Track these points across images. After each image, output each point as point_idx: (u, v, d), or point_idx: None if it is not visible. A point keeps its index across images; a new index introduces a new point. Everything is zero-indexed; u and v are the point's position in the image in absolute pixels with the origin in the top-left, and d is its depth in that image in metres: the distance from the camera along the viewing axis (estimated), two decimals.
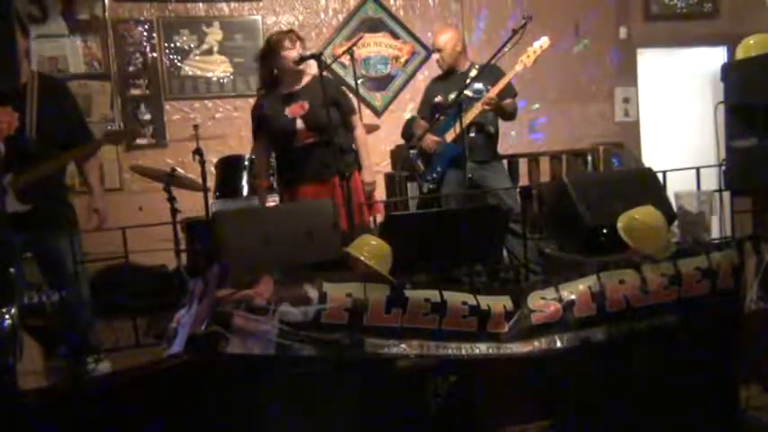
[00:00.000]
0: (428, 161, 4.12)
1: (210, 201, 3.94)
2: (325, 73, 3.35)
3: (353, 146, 3.64)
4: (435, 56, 4.21)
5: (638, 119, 6.20)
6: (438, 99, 4.18)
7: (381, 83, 5.66)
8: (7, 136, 2.92)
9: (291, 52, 3.41)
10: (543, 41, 3.85)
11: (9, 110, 2.93)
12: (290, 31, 3.61)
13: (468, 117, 3.84)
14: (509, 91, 4.05)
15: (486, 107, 3.84)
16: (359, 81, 4.89)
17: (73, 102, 3.29)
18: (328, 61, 3.80)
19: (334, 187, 3.32)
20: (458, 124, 3.82)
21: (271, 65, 3.48)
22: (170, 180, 3.87)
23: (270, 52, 3.46)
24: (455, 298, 2.32)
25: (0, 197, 2.64)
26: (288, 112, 3.44)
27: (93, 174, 3.27)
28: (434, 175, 4.09)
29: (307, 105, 3.41)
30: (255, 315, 2.13)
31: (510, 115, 4.14)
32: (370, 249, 2.41)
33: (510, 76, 3.92)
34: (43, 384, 2.46)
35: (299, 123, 3.40)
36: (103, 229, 3.28)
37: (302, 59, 3.40)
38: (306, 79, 3.52)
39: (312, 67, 3.42)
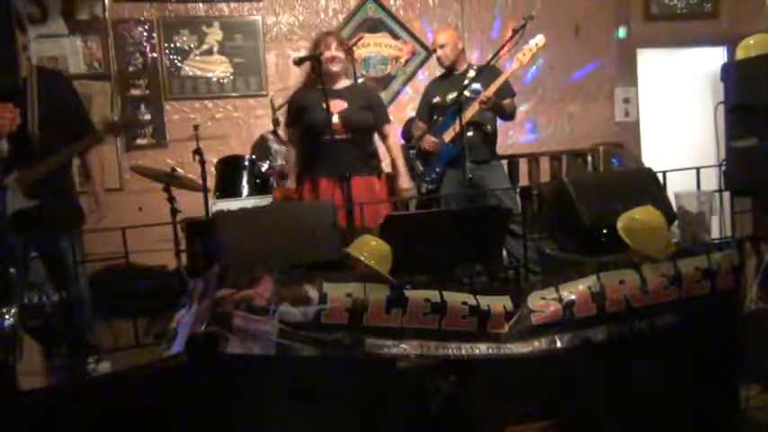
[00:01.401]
0: (427, 162, 4.12)
1: (211, 201, 3.94)
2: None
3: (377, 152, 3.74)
4: (438, 52, 4.20)
5: (638, 119, 6.20)
6: (436, 99, 4.19)
7: (381, 83, 5.66)
8: (10, 132, 2.92)
9: (328, 53, 3.50)
10: (539, 39, 3.86)
11: (10, 106, 2.93)
12: (330, 32, 3.76)
13: (466, 117, 3.85)
14: (507, 91, 4.06)
15: (483, 106, 3.85)
16: (359, 81, 4.89)
17: (73, 93, 3.31)
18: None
19: (354, 186, 3.34)
20: (456, 124, 3.82)
21: (312, 64, 3.54)
22: (170, 180, 3.88)
23: (318, 52, 3.53)
24: (455, 298, 2.32)
25: (0, 195, 2.64)
26: (326, 106, 3.46)
27: (94, 165, 3.29)
28: (433, 176, 4.09)
29: (345, 104, 3.51)
30: (255, 315, 2.13)
31: (509, 115, 4.14)
32: (370, 249, 2.41)
33: (507, 74, 3.93)
34: (43, 384, 2.46)
35: (336, 119, 3.46)
36: (102, 229, 3.28)
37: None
38: (345, 82, 3.63)
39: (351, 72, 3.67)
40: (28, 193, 2.96)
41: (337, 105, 3.51)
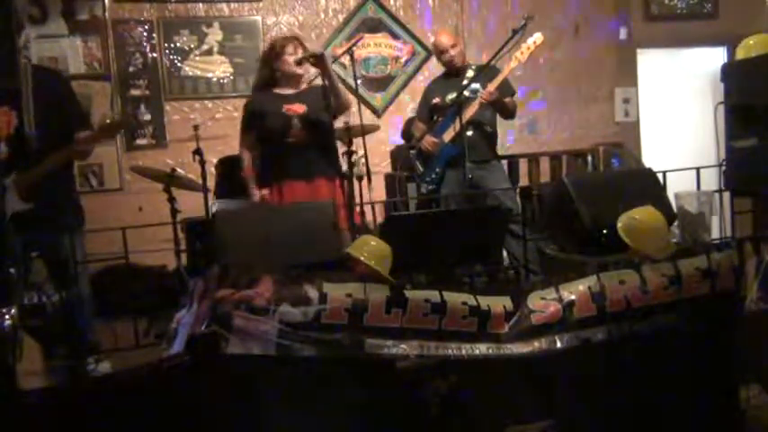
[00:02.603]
0: (427, 162, 4.12)
1: (210, 201, 3.94)
2: (318, 80, 3.49)
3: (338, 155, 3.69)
4: (452, 52, 4.17)
5: (638, 119, 6.20)
6: (436, 100, 4.18)
7: (381, 83, 5.66)
8: (7, 135, 2.91)
9: (292, 57, 3.49)
10: (537, 37, 3.86)
11: (6, 109, 2.93)
12: (295, 37, 3.69)
13: (466, 115, 3.85)
14: (507, 90, 4.06)
15: (484, 101, 3.84)
16: (359, 81, 4.89)
17: (69, 91, 3.30)
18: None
19: (320, 187, 3.39)
20: (456, 124, 3.82)
21: (272, 67, 3.55)
22: (170, 180, 3.88)
23: (274, 55, 3.54)
24: (455, 298, 2.32)
25: (0, 196, 2.64)
26: (285, 110, 3.50)
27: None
28: (433, 176, 4.09)
29: (305, 107, 3.48)
30: (255, 315, 2.14)
31: (510, 113, 4.13)
32: (370, 250, 2.41)
33: (505, 72, 3.92)
34: (43, 384, 2.46)
35: (296, 122, 3.46)
36: (102, 229, 3.28)
37: (303, 60, 3.44)
38: (304, 84, 3.60)
39: (311, 74, 3.57)
40: (24, 196, 2.96)
41: (298, 108, 3.50)
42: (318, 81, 3.54)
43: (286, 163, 3.47)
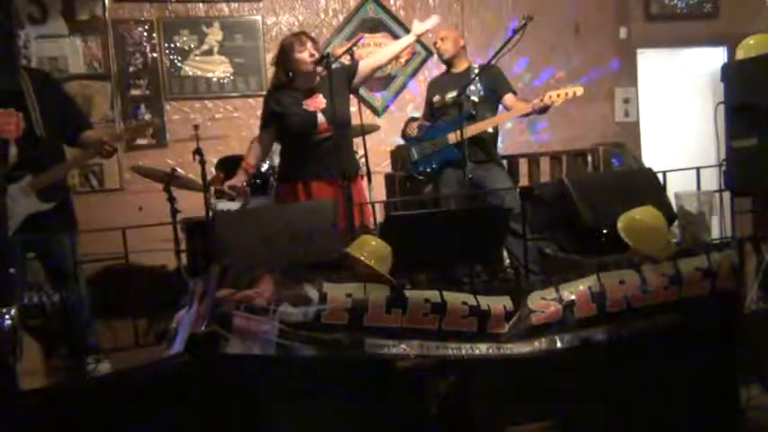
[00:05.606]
0: (427, 156, 4.13)
1: (211, 201, 3.94)
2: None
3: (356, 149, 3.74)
4: (438, 44, 4.19)
5: (638, 119, 6.20)
6: (436, 98, 4.19)
7: (381, 83, 5.66)
8: (17, 137, 2.91)
9: (303, 53, 3.47)
10: (577, 89, 3.78)
11: (12, 111, 2.93)
12: (301, 32, 3.68)
13: (479, 128, 3.85)
14: (508, 87, 4.09)
15: (542, 103, 3.77)
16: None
17: (64, 91, 3.33)
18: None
19: (339, 188, 3.34)
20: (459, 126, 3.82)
21: (286, 67, 3.55)
22: (170, 180, 3.88)
23: (284, 56, 3.54)
24: (455, 298, 2.31)
25: (0, 197, 2.65)
26: (307, 105, 3.49)
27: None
28: (428, 170, 4.09)
29: (325, 100, 3.47)
30: (255, 315, 2.14)
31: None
32: (370, 250, 2.40)
33: (533, 104, 3.85)
34: (43, 384, 2.46)
35: (320, 117, 3.46)
36: (102, 229, 3.28)
37: (320, 60, 3.45)
38: (318, 77, 3.58)
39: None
40: (41, 196, 2.97)
41: (319, 102, 3.49)
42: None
43: (312, 162, 3.45)
